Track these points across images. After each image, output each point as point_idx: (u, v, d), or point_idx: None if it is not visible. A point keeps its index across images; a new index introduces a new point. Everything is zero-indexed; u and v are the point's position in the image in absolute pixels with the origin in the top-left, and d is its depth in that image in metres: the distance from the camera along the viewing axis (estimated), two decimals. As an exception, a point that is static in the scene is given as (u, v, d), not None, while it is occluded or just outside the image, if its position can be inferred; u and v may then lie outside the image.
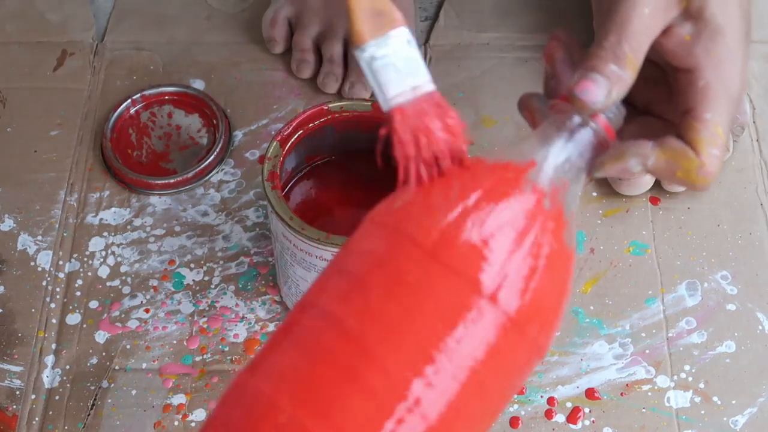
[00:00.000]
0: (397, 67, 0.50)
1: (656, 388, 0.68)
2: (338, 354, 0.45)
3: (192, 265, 0.74)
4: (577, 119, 0.51)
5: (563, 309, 0.48)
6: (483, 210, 0.47)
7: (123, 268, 0.74)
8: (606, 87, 0.51)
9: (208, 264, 0.74)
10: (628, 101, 0.54)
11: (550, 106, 0.53)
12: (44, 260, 0.74)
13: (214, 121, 0.80)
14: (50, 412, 0.68)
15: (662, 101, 0.56)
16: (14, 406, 0.68)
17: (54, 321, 0.71)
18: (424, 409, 0.45)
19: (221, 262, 0.74)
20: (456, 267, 0.46)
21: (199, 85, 0.83)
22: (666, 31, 0.53)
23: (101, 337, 0.71)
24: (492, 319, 0.45)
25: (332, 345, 0.46)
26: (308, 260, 0.63)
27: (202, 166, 0.78)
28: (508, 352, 0.46)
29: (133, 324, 0.71)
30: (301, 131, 0.66)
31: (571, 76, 0.52)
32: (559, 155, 0.50)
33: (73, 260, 0.74)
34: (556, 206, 0.48)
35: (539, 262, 0.47)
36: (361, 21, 0.50)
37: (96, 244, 0.75)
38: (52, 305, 0.72)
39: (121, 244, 0.75)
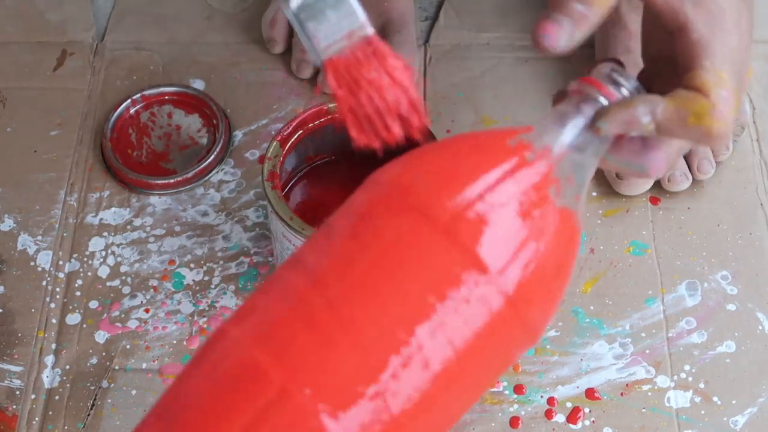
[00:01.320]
0: (326, 13, 0.46)
1: (656, 388, 0.68)
2: (305, 301, 0.45)
3: (192, 265, 0.74)
4: (590, 95, 0.50)
5: (557, 274, 0.47)
6: (468, 159, 0.46)
7: (123, 268, 0.74)
8: (568, 28, 0.49)
9: (208, 264, 0.74)
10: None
11: (568, 88, 0.52)
12: (44, 260, 0.74)
13: (214, 121, 0.80)
14: (50, 412, 0.68)
15: (670, 80, 0.56)
16: (14, 406, 0.68)
17: (54, 321, 0.71)
18: (396, 387, 0.45)
19: (221, 262, 0.74)
20: (417, 206, 0.46)
21: (199, 85, 0.83)
22: None
23: (101, 337, 0.71)
24: (459, 268, 0.45)
25: (302, 293, 0.46)
26: (308, 260, 0.63)
27: (202, 166, 0.77)
28: (479, 309, 0.45)
29: (133, 324, 0.71)
30: (301, 131, 0.66)
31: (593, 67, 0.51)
32: (561, 123, 0.49)
33: (73, 260, 0.74)
34: (545, 162, 0.48)
35: (513, 205, 0.46)
36: None
37: (96, 244, 0.75)
38: (52, 305, 0.72)
39: (121, 244, 0.75)
